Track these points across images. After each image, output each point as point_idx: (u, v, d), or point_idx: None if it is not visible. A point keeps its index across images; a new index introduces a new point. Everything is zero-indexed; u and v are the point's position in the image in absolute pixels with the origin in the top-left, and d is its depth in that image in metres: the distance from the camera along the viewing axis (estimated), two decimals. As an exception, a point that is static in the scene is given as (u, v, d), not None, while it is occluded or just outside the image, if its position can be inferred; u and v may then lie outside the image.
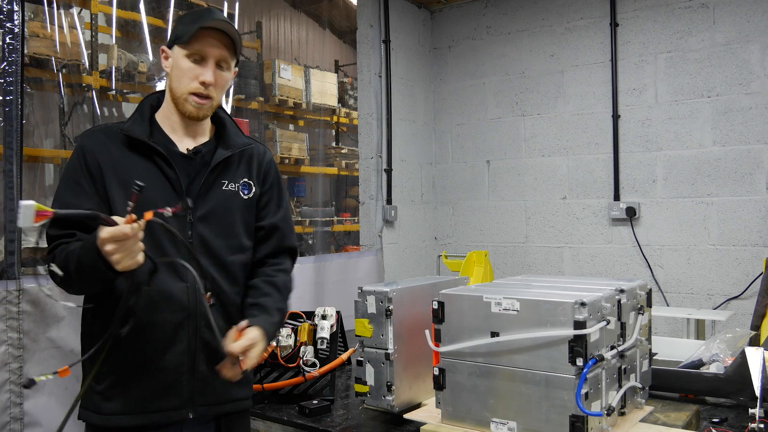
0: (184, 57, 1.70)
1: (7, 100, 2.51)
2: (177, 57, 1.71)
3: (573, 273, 4.65)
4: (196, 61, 1.70)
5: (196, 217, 1.71)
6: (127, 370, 1.63)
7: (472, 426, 1.74)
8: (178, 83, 1.72)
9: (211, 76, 1.70)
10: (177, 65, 1.71)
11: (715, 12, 4.12)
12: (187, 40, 1.68)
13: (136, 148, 1.70)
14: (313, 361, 2.30)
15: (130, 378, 1.63)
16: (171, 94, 1.75)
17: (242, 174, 1.81)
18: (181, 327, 1.66)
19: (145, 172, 1.67)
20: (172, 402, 1.65)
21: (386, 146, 4.81)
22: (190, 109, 1.72)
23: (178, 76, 1.71)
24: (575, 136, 4.64)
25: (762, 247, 3.96)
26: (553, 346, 1.59)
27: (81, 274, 1.52)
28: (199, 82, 1.70)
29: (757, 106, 3.99)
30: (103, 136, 1.72)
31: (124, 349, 1.61)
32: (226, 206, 1.76)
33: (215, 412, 1.72)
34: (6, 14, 2.57)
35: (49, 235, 1.63)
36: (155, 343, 1.63)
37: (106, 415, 1.63)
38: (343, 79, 6.56)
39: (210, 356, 1.67)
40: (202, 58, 1.70)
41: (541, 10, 4.78)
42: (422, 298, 2.01)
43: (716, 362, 2.13)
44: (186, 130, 1.78)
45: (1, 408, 2.44)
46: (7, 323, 2.46)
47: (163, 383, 1.65)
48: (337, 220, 5.90)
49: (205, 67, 1.71)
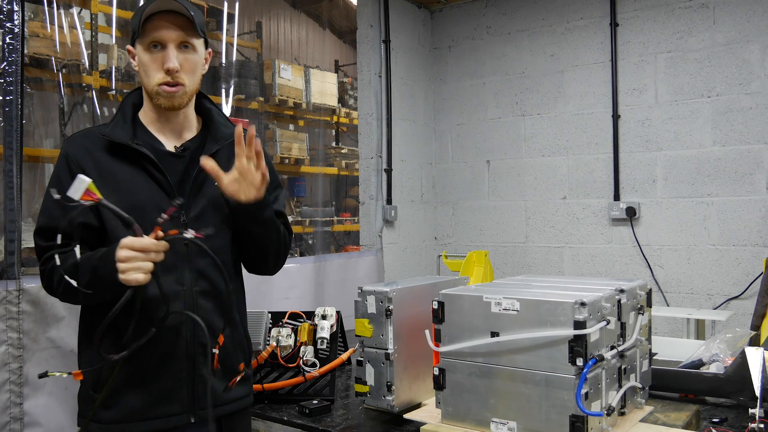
0: (144, 51, 1.65)
1: (7, 100, 2.51)
2: (139, 53, 1.67)
3: (573, 273, 4.65)
4: (157, 51, 1.65)
5: (189, 218, 1.66)
6: (126, 378, 1.59)
7: (472, 426, 1.74)
8: (147, 78, 1.66)
9: (174, 61, 1.63)
10: (141, 61, 1.66)
11: (715, 12, 4.12)
12: (140, 32, 1.63)
13: (119, 151, 1.65)
14: (313, 361, 2.30)
15: (130, 386, 1.61)
16: (145, 92, 1.71)
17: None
18: (179, 333, 1.63)
19: (132, 176, 1.64)
20: (174, 408, 1.63)
21: (386, 146, 4.81)
22: (162, 101, 1.67)
23: (144, 71, 1.66)
24: (575, 136, 4.64)
25: (762, 247, 3.96)
26: (553, 346, 1.59)
27: (93, 284, 1.49)
28: (163, 71, 1.64)
29: (757, 106, 3.99)
30: (85, 141, 1.68)
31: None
32: (219, 203, 1.70)
33: (217, 414, 1.69)
34: (6, 14, 2.57)
35: (39, 245, 1.62)
36: (154, 351, 1.60)
37: (106, 424, 1.60)
38: (343, 79, 6.56)
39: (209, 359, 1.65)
40: (161, 45, 1.64)
41: (541, 10, 4.78)
42: (422, 298, 2.01)
43: (716, 362, 2.13)
44: (170, 125, 1.73)
45: (1, 408, 2.44)
46: (7, 323, 2.46)
47: (164, 390, 1.62)
48: (337, 220, 5.90)
49: (166, 53, 1.64)
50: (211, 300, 1.68)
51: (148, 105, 1.73)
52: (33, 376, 2.50)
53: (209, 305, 1.68)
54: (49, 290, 1.64)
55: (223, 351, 1.65)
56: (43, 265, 1.62)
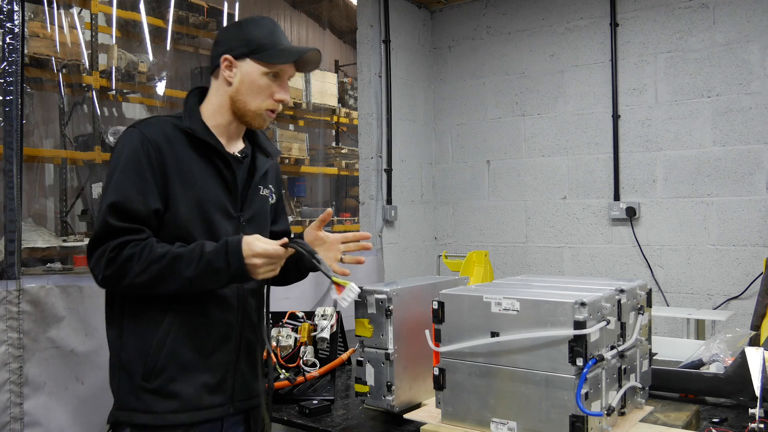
0: (262, 75, 1.72)
1: (7, 100, 2.51)
2: (251, 72, 1.72)
3: (573, 273, 4.65)
4: (272, 79, 1.73)
5: (245, 219, 1.78)
6: (181, 367, 1.65)
7: (472, 426, 1.74)
8: (252, 99, 1.73)
9: (288, 95, 1.76)
10: (252, 81, 1.72)
11: (715, 12, 4.12)
12: (266, 56, 1.71)
13: (196, 147, 1.70)
14: (313, 361, 2.30)
15: (185, 375, 1.65)
16: (236, 106, 1.75)
17: (270, 180, 1.91)
18: (231, 326, 1.73)
19: (204, 172, 1.71)
20: (219, 399, 1.71)
21: (386, 146, 4.81)
22: (260, 123, 1.77)
23: (252, 91, 1.72)
24: (575, 136, 4.64)
25: (762, 247, 3.96)
26: (553, 346, 1.59)
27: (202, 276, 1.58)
28: (275, 100, 1.74)
29: (757, 106, 3.99)
30: (163, 128, 1.69)
31: (177, 345, 1.65)
32: (263, 209, 1.86)
33: (248, 406, 1.80)
34: (6, 14, 2.56)
35: (110, 224, 1.57)
36: (210, 341, 1.69)
37: (162, 414, 1.63)
38: (343, 79, 6.56)
39: (250, 354, 1.79)
40: (278, 76, 1.74)
41: (541, 10, 4.78)
42: (422, 298, 2.01)
43: (716, 362, 2.13)
44: (233, 134, 1.81)
45: (1, 408, 2.44)
46: (7, 323, 2.46)
47: (214, 381, 1.70)
48: (337, 220, 5.90)
49: (282, 85, 1.75)
50: (254, 298, 1.82)
51: (225, 114, 1.76)
52: (33, 376, 2.51)
53: (253, 302, 1.81)
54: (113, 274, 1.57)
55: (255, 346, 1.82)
56: (115, 250, 1.56)
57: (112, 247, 1.56)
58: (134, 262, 1.56)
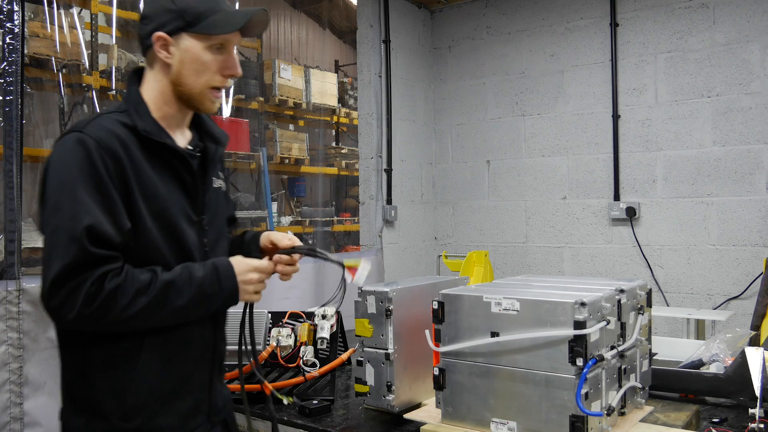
0: (205, 49, 1.47)
1: (7, 100, 2.51)
2: (191, 48, 1.46)
3: (573, 273, 4.65)
4: (218, 50, 1.49)
5: (207, 222, 1.57)
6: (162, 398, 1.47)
7: (472, 426, 1.74)
8: (196, 77, 1.48)
9: (239, 68, 1.53)
10: (194, 59, 1.47)
11: (715, 12, 4.12)
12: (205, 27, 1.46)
13: (149, 148, 1.45)
14: (313, 361, 2.30)
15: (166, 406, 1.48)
16: (181, 90, 1.50)
17: (220, 167, 1.68)
18: (206, 341, 1.57)
19: (164, 178, 1.48)
20: (198, 420, 1.56)
21: (386, 146, 4.81)
22: (208, 105, 1.53)
23: (197, 69, 1.47)
24: (575, 136, 4.64)
25: (762, 247, 3.96)
26: (553, 346, 1.59)
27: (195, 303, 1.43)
28: (224, 75, 1.51)
29: (757, 106, 3.99)
30: (115, 132, 1.41)
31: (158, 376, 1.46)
32: (219, 203, 1.65)
33: (223, 417, 1.68)
34: (6, 14, 2.57)
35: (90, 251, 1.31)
36: (189, 364, 1.53)
37: None
38: (343, 79, 6.56)
39: (221, 366, 1.66)
40: (223, 46, 1.50)
41: (541, 10, 4.78)
42: (422, 298, 2.01)
43: (716, 362, 2.13)
44: (180, 123, 1.56)
45: (1, 408, 2.44)
46: (7, 323, 2.46)
47: (193, 403, 1.55)
48: (337, 220, 5.91)
49: (229, 57, 1.51)
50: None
51: (169, 101, 1.52)
52: (33, 376, 2.51)
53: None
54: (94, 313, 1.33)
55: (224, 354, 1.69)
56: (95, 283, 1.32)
57: (92, 280, 1.31)
58: (119, 296, 1.33)
